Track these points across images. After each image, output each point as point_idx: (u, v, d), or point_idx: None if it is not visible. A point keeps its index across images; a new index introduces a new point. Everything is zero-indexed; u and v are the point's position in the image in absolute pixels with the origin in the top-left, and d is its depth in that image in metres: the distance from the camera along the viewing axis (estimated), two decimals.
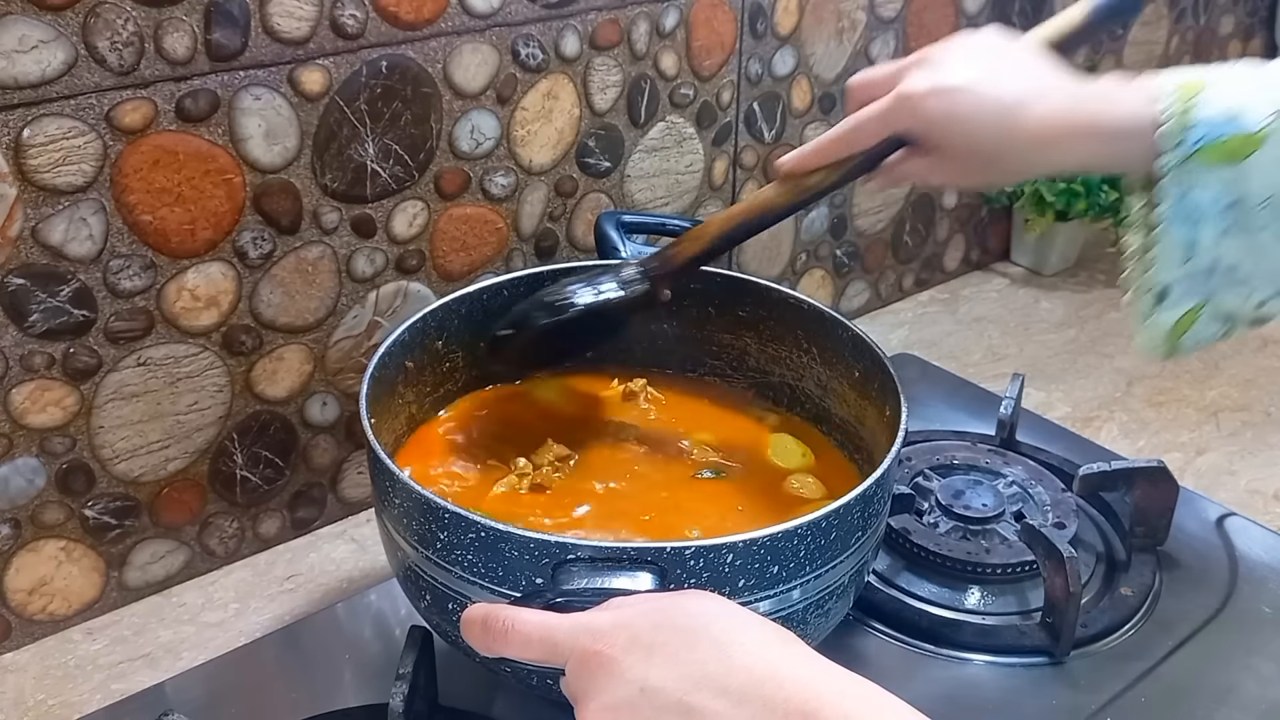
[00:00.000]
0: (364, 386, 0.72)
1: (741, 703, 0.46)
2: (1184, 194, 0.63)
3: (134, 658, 0.81)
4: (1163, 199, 0.64)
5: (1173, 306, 0.66)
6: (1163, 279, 0.65)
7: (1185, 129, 0.62)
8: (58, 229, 0.73)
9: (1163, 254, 0.65)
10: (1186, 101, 0.63)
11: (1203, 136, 0.62)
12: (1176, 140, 0.62)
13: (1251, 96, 0.62)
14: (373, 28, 0.81)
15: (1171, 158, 0.63)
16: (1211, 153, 0.62)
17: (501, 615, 0.53)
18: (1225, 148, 0.62)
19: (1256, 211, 0.63)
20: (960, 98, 0.67)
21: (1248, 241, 0.64)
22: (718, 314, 0.88)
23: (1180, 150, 0.62)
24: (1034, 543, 0.82)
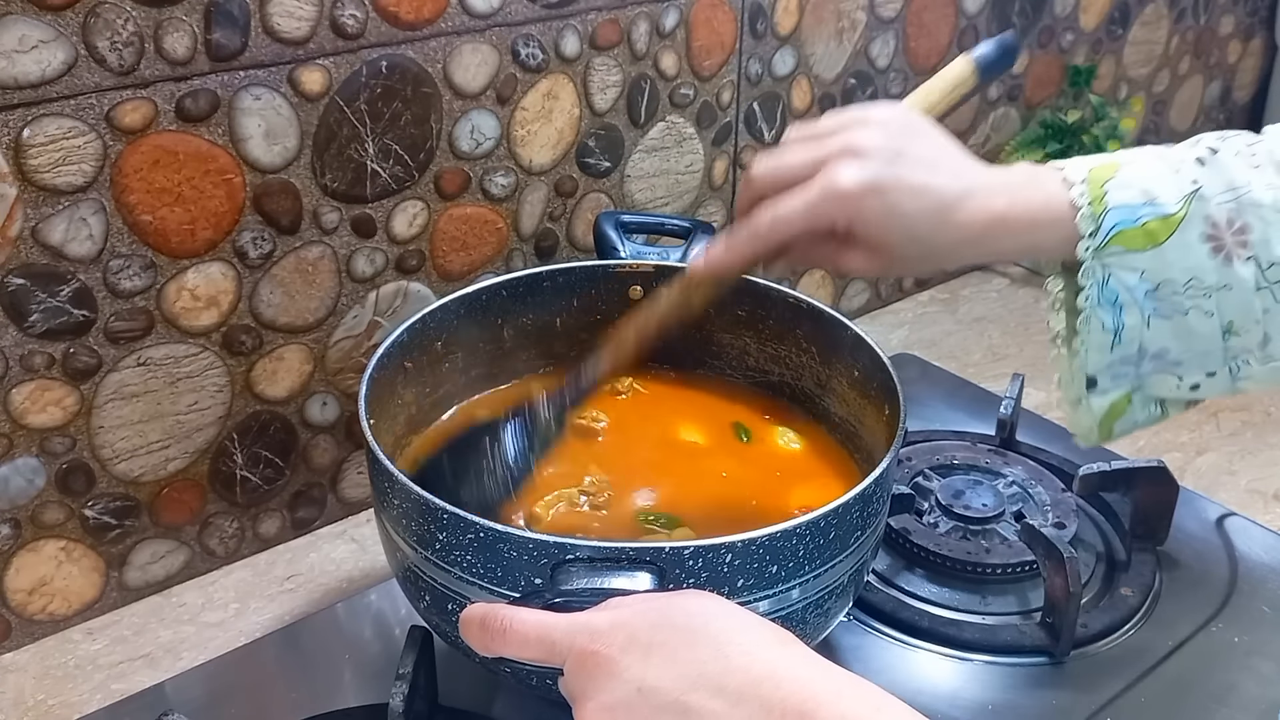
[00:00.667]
0: (363, 387, 0.72)
1: (739, 702, 0.46)
2: (1105, 280, 0.63)
3: (134, 658, 0.81)
4: (1085, 285, 0.63)
5: (1102, 394, 0.66)
6: (1091, 367, 0.65)
7: (1102, 213, 0.62)
8: (58, 229, 0.73)
9: (1089, 341, 0.64)
10: (1100, 186, 0.62)
11: (1119, 222, 0.62)
12: (1092, 226, 0.62)
13: (1164, 178, 0.62)
14: (373, 28, 0.81)
15: (1089, 244, 0.62)
16: (1129, 237, 0.62)
17: (500, 615, 0.53)
18: (1143, 231, 0.62)
19: (1181, 294, 0.62)
20: (898, 197, 0.62)
21: (1174, 325, 0.63)
22: (718, 314, 0.88)
23: (1098, 236, 0.62)
24: (1034, 543, 0.82)
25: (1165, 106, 1.52)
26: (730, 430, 0.85)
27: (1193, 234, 0.62)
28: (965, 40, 1.21)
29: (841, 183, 0.62)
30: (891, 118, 0.65)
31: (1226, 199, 0.61)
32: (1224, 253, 0.62)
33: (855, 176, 0.62)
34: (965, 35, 1.21)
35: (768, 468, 0.82)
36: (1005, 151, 1.32)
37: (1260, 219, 0.61)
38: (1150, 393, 0.66)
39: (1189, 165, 0.63)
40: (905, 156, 0.63)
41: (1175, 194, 0.62)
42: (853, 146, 0.63)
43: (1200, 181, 0.62)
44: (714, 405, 0.88)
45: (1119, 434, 0.68)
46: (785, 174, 0.64)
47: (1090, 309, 0.64)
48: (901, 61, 1.17)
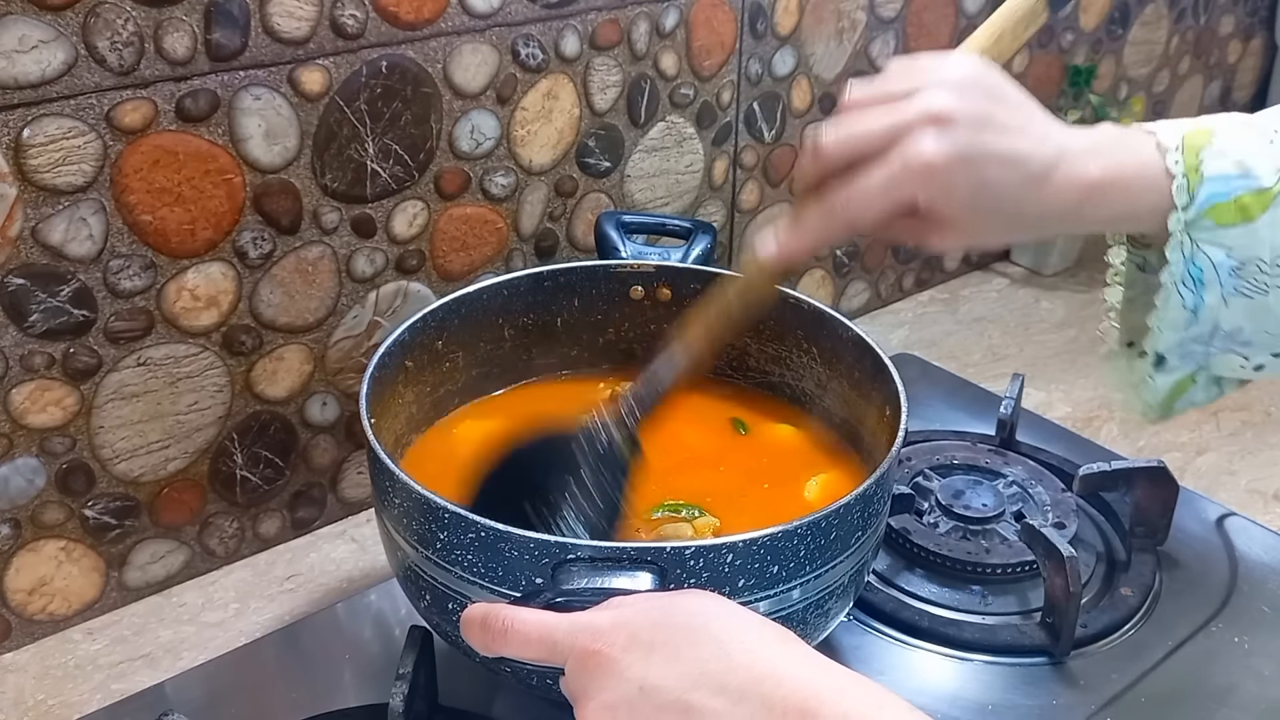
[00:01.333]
0: (364, 386, 0.72)
1: (740, 701, 0.46)
2: (1192, 255, 0.59)
3: (134, 658, 0.81)
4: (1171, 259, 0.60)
5: (1170, 372, 0.63)
6: (1163, 345, 0.62)
7: (1198, 184, 0.58)
8: (58, 229, 0.73)
9: (1165, 319, 0.61)
10: (1196, 155, 0.58)
11: (1213, 193, 0.58)
12: (1186, 198, 0.58)
13: (1259, 149, 0.59)
14: (373, 28, 0.81)
15: (1182, 217, 0.58)
16: (1222, 212, 0.58)
17: (501, 615, 0.53)
18: (1236, 205, 0.58)
19: (1266, 273, 0.59)
20: (987, 168, 0.57)
21: (1252, 304, 0.60)
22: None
23: (1192, 209, 0.58)
24: (1034, 543, 0.82)
25: (1165, 106, 1.52)
26: (730, 426, 0.86)
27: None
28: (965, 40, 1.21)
29: (926, 155, 0.56)
30: (970, 75, 0.59)
31: None
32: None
33: (941, 149, 0.56)
34: (965, 35, 1.21)
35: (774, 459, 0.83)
36: None
37: None
38: (1214, 371, 0.63)
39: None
40: (991, 121, 0.57)
41: (1270, 166, 0.58)
42: (933, 113, 0.56)
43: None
44: (714, 405, 0.88)
45: (1177, 412, 0.65)
46: (860, 145, 0.58)
47: (1171, 284, 0.60)
48: None
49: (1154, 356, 0.63)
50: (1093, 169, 0.59)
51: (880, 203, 0.57)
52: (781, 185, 1.13)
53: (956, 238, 0.60)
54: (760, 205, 1.13)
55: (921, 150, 0.56)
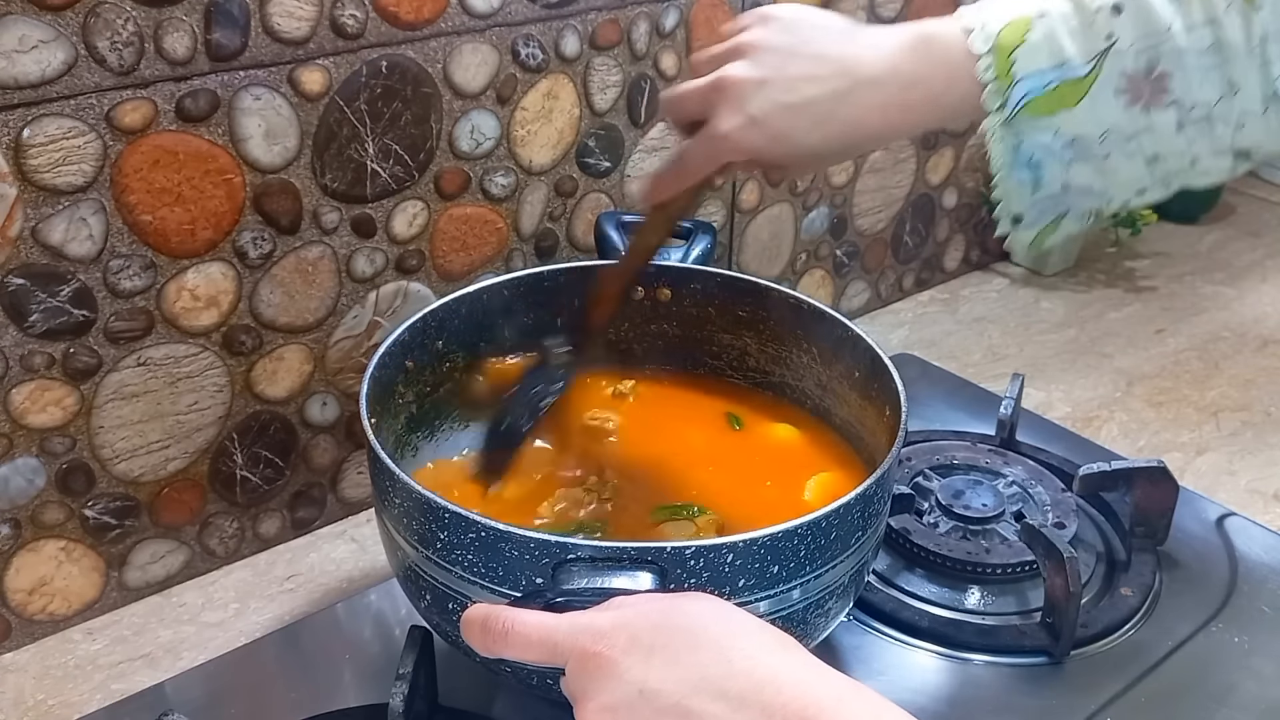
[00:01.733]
0: (364, 386, 0.72)
1: (740, 707, 0.46)
2: (1017, 145, 0.62)
3: (134, 658, 0.81)
4: (994, 150, 0.63)
5: (1030, 226, 0.66)
6: (1015, 208, 0.65)
7: (1009, 86, 0.60)
8: (58, 229, 0.73)
9: (1009, 194, 0.64)
10: (1008, 56, 0.60)
11: (1028, 92, 0.60)
12: (1000, 100, 0.61)
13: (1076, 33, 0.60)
14: (373, 28, 0.81)
15: (997, 118, 0.61)
16: (1039, 105, 0.61)
17: (501, 617, 0.53)
18: (1055, 96, 0.60)
19: (1098, 144, 0.61)
20: (776, 120, 0.65)
21: (1095, 166, 0.62)
22: (718, 314, 0.88)
23: (1004, 111, 0.61)
24: (1034, 543, 0.82)
25: None
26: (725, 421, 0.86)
27: (1106, 92, 0.60)
28: None
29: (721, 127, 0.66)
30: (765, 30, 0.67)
31: (1145, 47, 0.59)
32: (1142, 102, 0.60)
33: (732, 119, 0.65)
34: None
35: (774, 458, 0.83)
36: None
37: (1180, 66, 0.59)
38: (1079, 211, 0.66)
39: (1105, 14, 0.60)
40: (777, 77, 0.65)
41: (1086, 51, 0.60)
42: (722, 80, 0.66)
43: (1116, 34, 0.60)
44: (714, 405, 0.88)
45: (1053, 246, 0.68)
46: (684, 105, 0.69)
47: (1005, 170, 0.63)
48: None
49: (1010, 218, 0.66)
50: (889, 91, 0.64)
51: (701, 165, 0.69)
52: (781, 185, 1.13)
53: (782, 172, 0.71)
54: (760, 205, 1.13)
55: (718, 125, 0.66)
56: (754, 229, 1.13)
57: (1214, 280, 1.34)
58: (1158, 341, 1.22)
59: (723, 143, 0.66)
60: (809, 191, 1.16)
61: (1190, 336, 1.23)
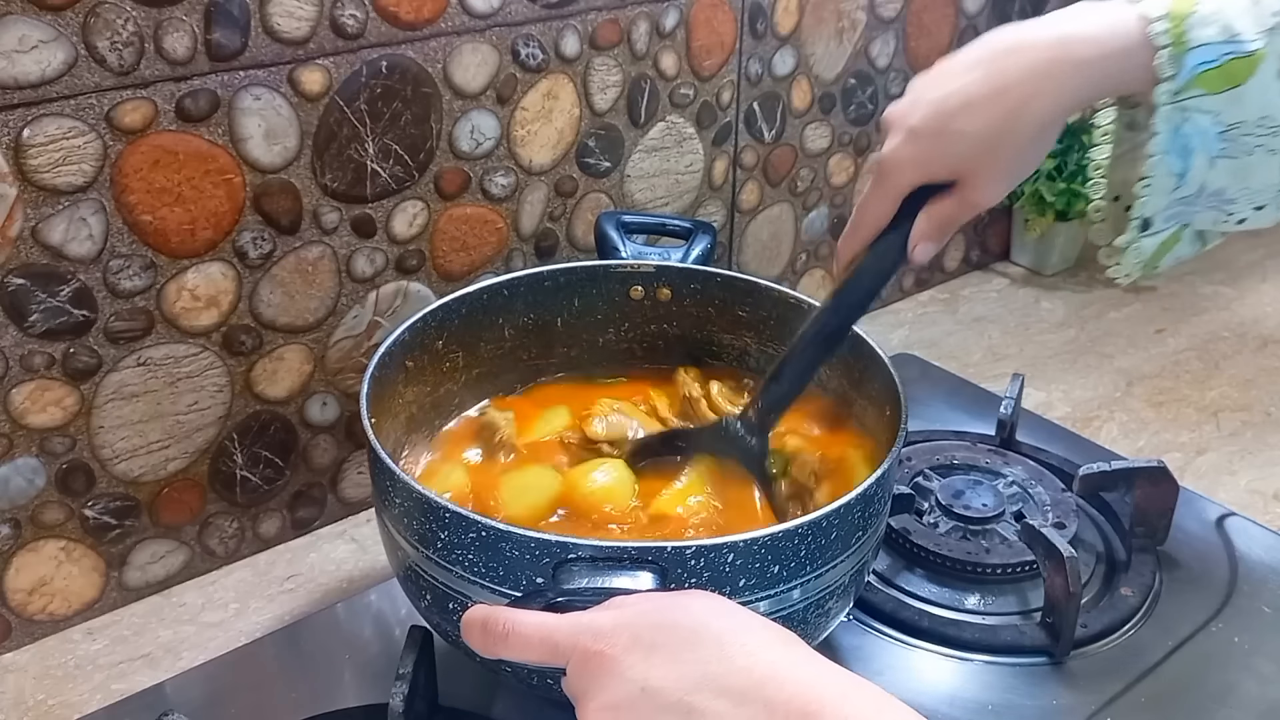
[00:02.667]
0: (364, 386, 0.72)
1: (742, 703, 0.46)
2: (1181, 124, 0.61)
3: (134, 658, 0.81)
4: (1158, 130, 0.61)
5: (1155, 235, 0.65)
6: (1149, 209, 0.64)
7: (1183, 53, 0.59)
8: (58, 229, 0.73)
9: (1153, 186, 0.63)
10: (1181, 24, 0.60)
11: (1201, 62, 0.59)
12: (1174, 68, 0.60)
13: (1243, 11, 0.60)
14: (373, 28, 0.81)
15: (1169, 86, 0.60)
16: (1209, 80, 0.60)
17: (501, 618, 0.53)
18: (1224, 72, 0.59)
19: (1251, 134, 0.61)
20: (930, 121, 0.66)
21: (1237, 164, 0.62)
22: (718, 314, 0.88)
23: (1178, 79, 0.60)
24: (1034, 543, 0.82)
25: None
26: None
27: (1270, 71, 0.59)
28: (965, 40, 1.21)
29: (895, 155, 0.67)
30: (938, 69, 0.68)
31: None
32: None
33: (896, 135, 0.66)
34: (965, 35, 1.21)
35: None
36: None
37: None
38: (1197, 226, 0.65)
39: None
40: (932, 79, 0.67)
41: (1256, 28, 0.59)
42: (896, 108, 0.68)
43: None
44: None
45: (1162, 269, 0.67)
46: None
47: (1160, 153, 0.62)
48: (901, 61, 1.17)
49: (1140, 222, 0.65)
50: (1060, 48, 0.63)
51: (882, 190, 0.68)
52: (781, 185, 1.13)
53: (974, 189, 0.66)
54: (760, 205, 1.13)
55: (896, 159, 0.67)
56: (754, 229, 1.13)
57: (1214, 280, 1.34)
58: (1158, 341, 1.22)
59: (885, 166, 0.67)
60: (809, 191, 1.16)
61: (1190, 336, 1.23)
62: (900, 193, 0.68)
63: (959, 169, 0.66)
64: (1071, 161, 1.26)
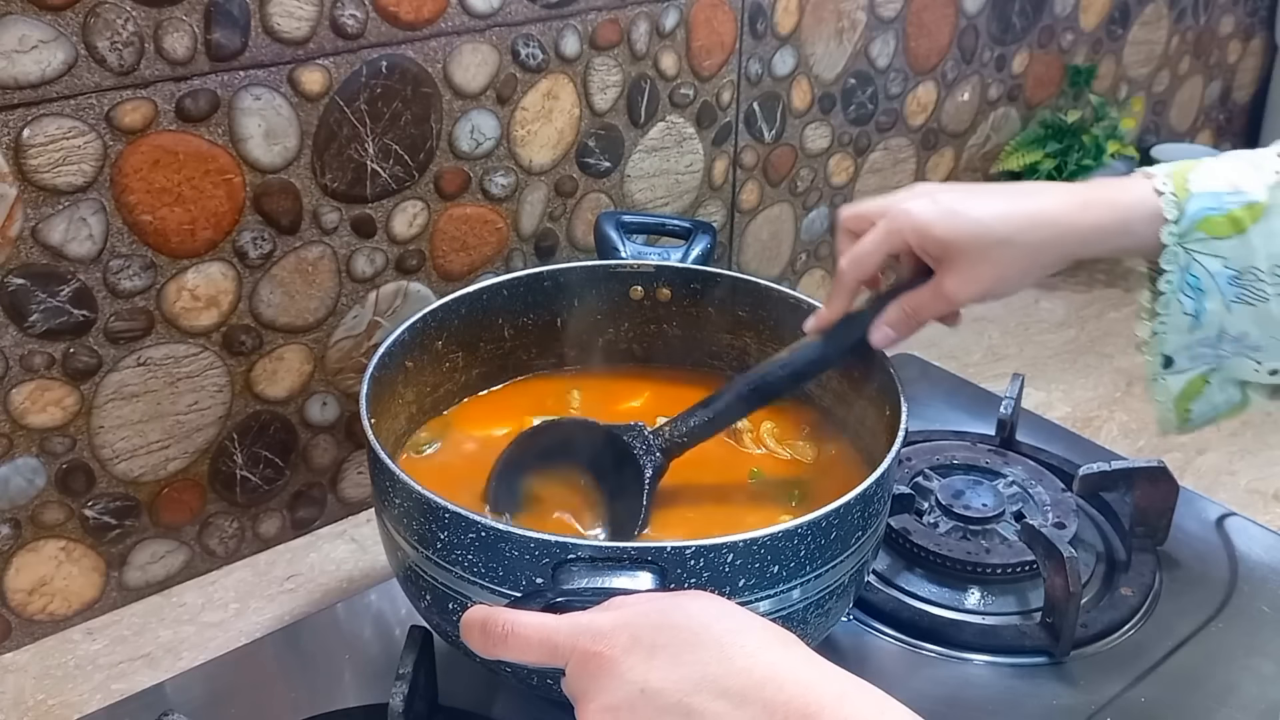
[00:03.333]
0: (364, 386, 0.72)
1: (742, 704, 0.46)
2: (1188, 265, 0.64)
3: (134, 658, 0.81)
4: (1167, 269, 0.65)
5: (1179, 373, 0.67)
6: (1169, 347, 0.67)
7: (1186, 199, 0.63)
8: (58, 229, 0.73)
9: (1168, 322, 0.66)
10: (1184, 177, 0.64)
11: (1204, 207, 0.63)
12: (1176, 212, 0.63)
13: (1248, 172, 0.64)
14: (373, 28, 0.81)
15: (1174, 229, 0.64)
16: (1215, 224, 0.63)
17: (501, 619, 0.53)
18: (1229, 218, 0.63)
19: (1264, 281, 0.63)
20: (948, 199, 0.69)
21: (1255, 311, 0.64)
22: (718, 314, 0.88)
23: (1182, 222, 0.63)
24: (1034, 543, 0.82)
25: (1165, 106, 1.52)
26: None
27: (1277, 221, 0.62)
28: (965, 40, 1.22)
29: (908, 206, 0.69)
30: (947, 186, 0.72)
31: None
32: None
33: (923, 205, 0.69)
34: (965, 35, 1.21)
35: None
36: (1005, 152, 1.31)
37: None
38: (1229, 374, 0.67)
39: (1272, 159, 0.64)
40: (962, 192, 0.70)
41: (1260, 184, 0.63)
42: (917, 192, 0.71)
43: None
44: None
45: (1199, 418, 0.69)
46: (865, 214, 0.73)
47: (1171, 293, 0.65)
48: (901, 61, 1.17)
49: (1161, 358, 0.67)
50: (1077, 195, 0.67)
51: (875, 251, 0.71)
52: (781, 185, 1.13)
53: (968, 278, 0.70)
54: (760, 205, 1.13)
55: (902, 203, 0.69)
56: (754, 229, 1.13)
57: None
58: None
59: (904, 220, 0.69)
60: (809, 191, 1.16)
61: None
62: (891, 246, 0.71)
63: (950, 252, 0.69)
64: (1071, 161, 1.26)
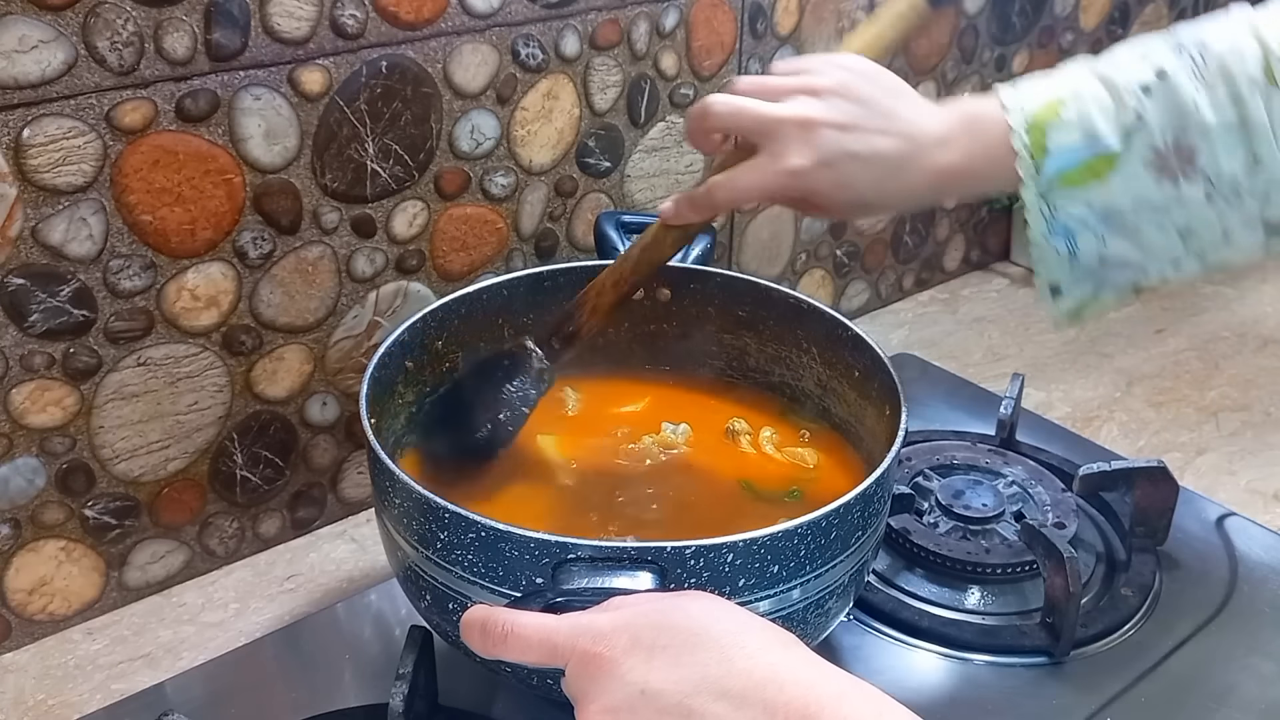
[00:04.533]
0: (364, 386, 0.72)
1: (742, 706, 0.46)
2: (1053, 215, 0.64)
3: (134, 658, 0.81)
4: (1032, 221, 0.65)
5: (1067, 297, 0.67)
6: (1052, 278, 0.67)
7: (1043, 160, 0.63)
8: (58, 229, 0.73)
9: (1045, 265, 0.66)
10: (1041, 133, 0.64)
11: (1061, 165, 0.63)
12: (1034, 171, 0.64)
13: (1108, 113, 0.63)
14: (373, 28, 0.81)
15: (1034, 186, 0.64)
16: (1073, 177, 0.63)
17: (500, 619, 0.53)
18: (1086, 169, 0.63)
19: (1131, 216, 0.64)
20: (846, 168, 0.66)
21: (1130, 239, 0.64)
22: (718, 314, 0.88)
23: (1040, 181, 0.64)
24: (1034, 543, 0.82)
25: None
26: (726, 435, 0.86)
27: (1135, 165, 0.62)
28: (965, 40, 1.21)
29: (791, 164, 0.66)
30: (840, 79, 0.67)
31: (1172, 123, 0.62)
32: (1170, 177, 0.62)
33: (805, 157, 0.66)
34: (965, 35, 1.21)
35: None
36: None
37: (1206, 140, 0.61)
38: (1118, 284, 0.67)
39: (1134, 93, 0.63)
40: (853, 125, 0.66)
41: (1117, 129, 0.63)
42: (801, 118, 0.66)
43: (1144, 113, 0.62)
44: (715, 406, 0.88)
45: (1091, 318, 0.69)
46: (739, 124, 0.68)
47: (1042, 240, 0.65)
48: (901, 61, 1.17)
49: (1047, 289, 0.67)
50: (945, 158, 0.66)
51: (755, 195, 0.70)
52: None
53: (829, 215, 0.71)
54: (759, 205, 1.13)
55: (788, 159, 0.66)
56: (754, 229, 1.13)
57: (1214, 280, 1.34)
58: (1158, 341, 1.22)
59: (787, 178, 0.66)
60: None
61: (1190, 336, 1.23)
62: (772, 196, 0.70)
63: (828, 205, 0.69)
64: None
